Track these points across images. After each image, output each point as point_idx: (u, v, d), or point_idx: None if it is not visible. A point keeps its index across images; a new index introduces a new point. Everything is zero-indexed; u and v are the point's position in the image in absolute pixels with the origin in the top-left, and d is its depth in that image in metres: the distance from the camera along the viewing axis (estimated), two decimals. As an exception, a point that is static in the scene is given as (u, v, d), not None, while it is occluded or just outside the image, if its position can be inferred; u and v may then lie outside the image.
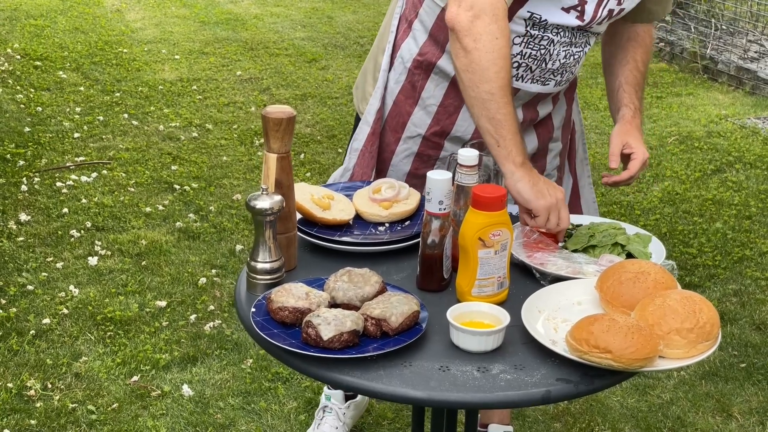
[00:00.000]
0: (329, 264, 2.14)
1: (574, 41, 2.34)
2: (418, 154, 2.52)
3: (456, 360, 1.82)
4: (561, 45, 2.33)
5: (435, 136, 2.49)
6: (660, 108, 6.56)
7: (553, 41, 2.31)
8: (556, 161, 2.61)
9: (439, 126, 2.48)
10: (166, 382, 3.39)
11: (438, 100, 2.46)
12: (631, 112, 2.47)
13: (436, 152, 2.51)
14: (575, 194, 2.73)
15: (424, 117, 2.48)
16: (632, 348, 1.75)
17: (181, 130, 5.90)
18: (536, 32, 2.29)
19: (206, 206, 4.82)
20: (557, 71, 2.38)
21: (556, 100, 2.52)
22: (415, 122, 2.49)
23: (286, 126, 2.05)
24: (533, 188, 2.13)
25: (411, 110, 2.49)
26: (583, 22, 2.27)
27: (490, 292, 2.00)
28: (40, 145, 5.51)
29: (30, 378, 3.38)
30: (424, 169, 2.50)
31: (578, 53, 2.38)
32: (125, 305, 3.87)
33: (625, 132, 2.44)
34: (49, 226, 4.52)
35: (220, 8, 8.99)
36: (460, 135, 2.47)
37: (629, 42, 2.53)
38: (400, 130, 2.51)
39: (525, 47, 2.32)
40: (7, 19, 8.18)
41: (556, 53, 2.34)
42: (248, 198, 2.02)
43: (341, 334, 1.81)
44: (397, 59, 2.48)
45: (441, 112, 2.46)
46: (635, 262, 2.00)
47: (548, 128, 2.55)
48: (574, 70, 2.42)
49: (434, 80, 2.45)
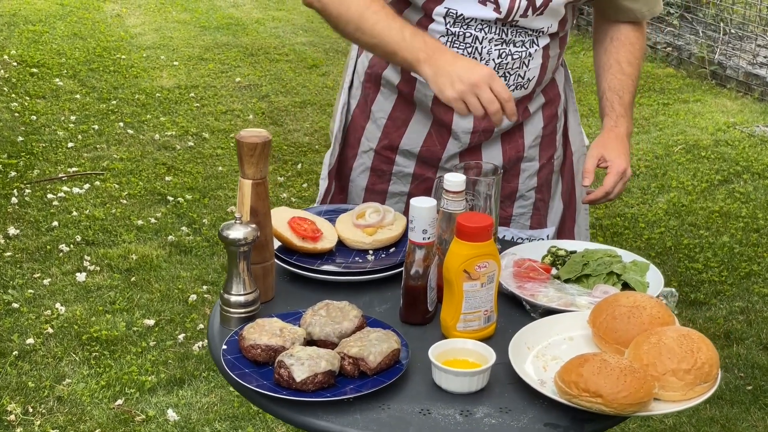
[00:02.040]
0: (309, 294, 2.04)
1: (508, 39, 2.23)
2: (372, 168, 2.46)
3: (438, 402, 1.72)
4: (491, 42, 2.23)
5: (385, 149, 2.43)
6: (666, 115, 6.44)
7: (478, 38, 2.22)
8: (531, 182, 2.47)
9: (388, 140, 2.41)
10: (151, 406, 3.29)
11: (386, 113, 2.40)
12: (612, 122, 2.39)
13: (389, 167, 2.44)
14: (570, 220, 2.59)
15: (375, 130, 2.43)
16: (625, 392, 1.64)
17: (177, 139, 5.80)
18: (457, 30, 2.21)
19: (200, 219, 4.72)
20: (496, 72, 2.26)
21: (524, 114, 2.38)
22: (367, 136, 2.44)
23: (261, 151, 1.94)
24: (438, 80, 2.02)
25: (365, 124, 2.44)
26: (500, 14, 2.18)
27: (477, 326, 1.89)
28: (33, 155, 5.42)
29: (11, 402, 3.28)
30: (380, 184, 2.44)
31: (519, 53, 2.25)
32: (112, 324, 3.76)
33: (602, 144, 2.36)
34: (38, 241, 4.42)
35: (221, 13, 8.90)
36: (409, 148, 2.40)
37: (612, 43, 2.44)
38: (356, 145, 2.47)
39: (450, 46, 2.23)
40: (5, 24, 8.09)
41: (487, 52, 2.23)
42: (221, 227, 1.91)
43: (315, 375, 1.71)
44: (355, 75, 2.45)
45: (389, 125, 2.40)
46: (630, 295, 1.89)
47: (517, 146, 2.42)
48: (523, 74, 2.29)
49: (383, 93, 2.39)
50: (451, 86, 2.01)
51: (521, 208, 2.48)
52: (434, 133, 2.36)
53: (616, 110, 2.39)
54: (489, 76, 2.02)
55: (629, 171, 2.35)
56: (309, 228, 2.16)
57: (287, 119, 6.22)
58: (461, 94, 2.00)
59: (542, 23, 2.25)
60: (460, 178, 1.93)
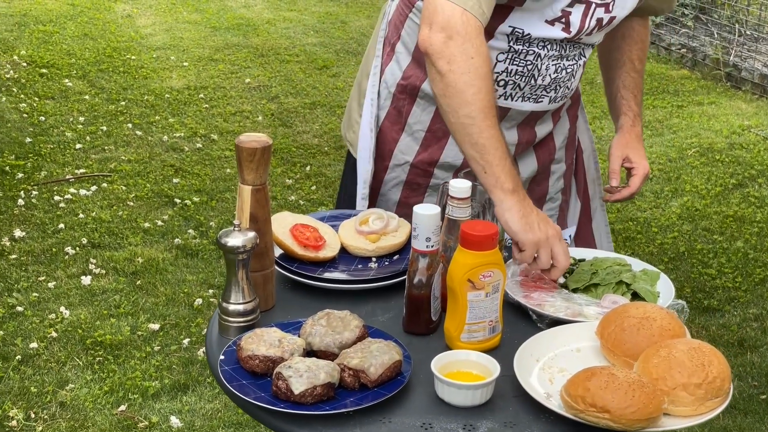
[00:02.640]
0: (310, 302, 2.00)
1: (564, 54, 2.18)
2: (407, 182, 2.37)
3: (440, 416, 1.67)
4: (550, 59, 2.17)
5: (423, 163, 2.35)
6: (680, 118, 6.37)
7: (540, 55, 2.16)
8: (559, 183, 2.44)
9: (427, 153, 2.33)
10: (155, 412, 3.25)
11: (425, 125, 2.31)
12: (630, 121, 2.39)
13: (426, 180, 2.36)
14: (586, 218, 2.56)
15: (412, 143, 2.34)
16: (633, 407, 1.59)
17: (185, 140, 5.76)
18: (520, 47, 2.15)
19: (207, 222, 4.68)
20: (549, 87, 2.22)
21: (556, 117, 2.36)
22: (402, 149, 2.35)
23: (261, 156, 1.89)
24: (522, 219, 1.96)
25: (398, 137, 2.35)
26: (569, 34, 2.13)
27: (481, 337, 1.84)
28: (41, 156, 5.39)
29: (13, 407, 3.24)
30: (415, 198, 2.37)
31: (571, 66, 2.21)
32: (116, 328, 3.72)
33: (625, 144, 2.36)
34: (43, 243, 4.38)
35: (232, 13, 8.86)
36: (450, 161, 2.32)
37: (624, 40, 2.42)
38: (387, 158, 2.38)
39: (510, 64, 2.17)
40: (15, 24, 8.07)
41: (545, 68, 2.18)
42: (219, 234, 1.87)
43: (314, 387, 1.66)
44: (382, 84, 2.35)
45: (429, 138, 2.32)
46: (640, 305, 1.84)
47: (549, 149, 2.39)
48: (570, 85, 2.26)
49: (420, 105, 2.31)
50: (533, 230, 1.95)
51: (550, 211, 2.44)
52: None
53: (632, 110, 2.38)
54: (560, 234, 2.00)
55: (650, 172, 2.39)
56: (312, 236, 2.11)
57: (297, 121, 6.18)
58: (540, 242, 1.95)
59: (598, 38, 2.23)
60: (466, 185, 1.88)
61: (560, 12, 2.07)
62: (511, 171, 1.98)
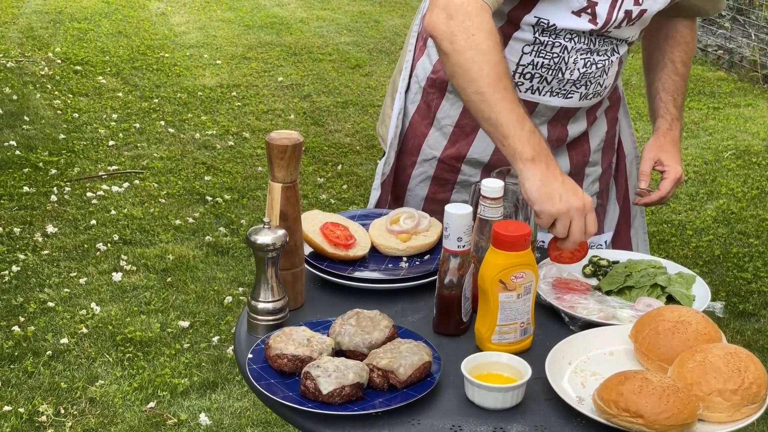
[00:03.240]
0: (339, 301, 1.98)
1: (594, 48, 2.15)
2: (435, 177, 2.36)
3: (470, 418, 1.65)
4: (578, 52, 2.14)
5: (451, 158, 2.33)
6: (717, 120, 6.30)
7: (567, 48, 2.13)
8: (594, 187, 2.41)
9: (455, 148, 2.31)
10: (184, 410, 3.24)
11: (453, 120, 2.29)
12: (666, 124, 2.33)
13: (453, 176, 2.34)
14: (625, 223, 2.52)
15: (440, 138, 2.32)
16: (667, 413, 1.56)
17: (217, 138, 5.77)
18: (546, 39, 2.12)
19: (237, 219, 4.68)
20: (578, 82, 2.19)
21: (591, 118, 2.32)
22: (430, 144, 2.34)
23: (292, 154, 1.88)
24: (541, 189, 1.89)
25: (426, 131, 2.33)
26: (596, 26, 2.09)
27: (512, 339, 1.81)
28: (74, 153, 5.42)
29: (43, 402, 3.25)
30: (442, 193, 2.35)
31: (602, 62, 2.17)
32: (147, 325, 3.73)
33: (658, 147, 2.31)
34: (75, 239, 4.40)
35: (265, 11, 8.88)
36: (478, 157, 2.30)
37: (667, 41, 2.37)
38: (415, 153, 2.36)
39: (536, 56, 2.14)
40: (51, 22, 8.13)
41: (573, 61, 2.15)
42: (248, 232, 1.85)
43: (342, 387, 1.64)
44: (413, 78, 2.34)
45: (457, 133, 2.30)
46: (675, 309, 1.81)
47: (583, 151, 2.35)
48: (602, 81, 2.21)
49: (449, 99, 2.29)
50: (553, 201, 1.88)
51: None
52: None
53: (671, 113, 2.33)
54: (590, 206, 1.92)
55: (683, 176, 2.32)
56: (342, 235, 2.09)
57: (329, 119, 6.17)
58: (559, 213, 1.88)
59: (630, 32, 2.18)
60: (498, 184, 1.85)
61: (586, 2, 2.04)
62: (529, 140, 1.91)
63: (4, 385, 3.33)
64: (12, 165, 5.18)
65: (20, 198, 4.79)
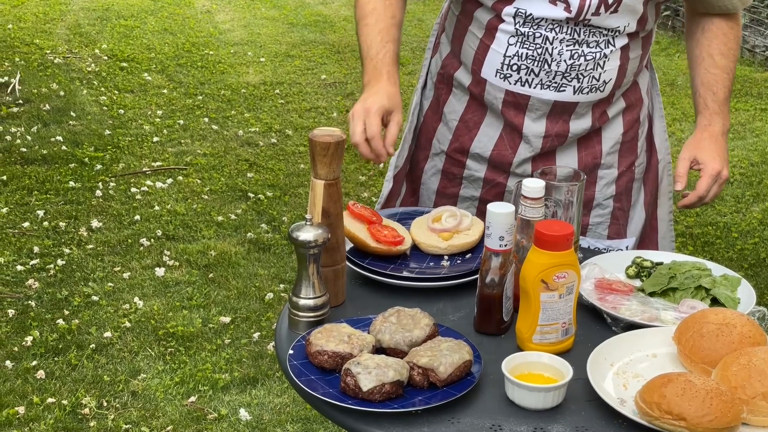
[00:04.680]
0: (381, 299, 1.98)
1: (580, 39, 2.14)
2: (443, 171, 2.40)
3: (510, 418, 1.64)
4: (562, 43, 2.15)
5: (456, 152, 2.37)
6: (764, 121, 6.22)
7: (548, 38, 2.14)
8: (609, 190, 2.36)
9: (459, 142, 2.35)
10: (224, 405, 3.26)
11: (458, 114, 2.34)
12: (705, 120, 2.29)
13: (460, 170, 2.37)
14: (651, 230, 2.47)
15: (446, 133, 2.37)
16: (710, 416, 1.54)
17: (260, 135, 5.80)
18: (527, 30, 2.15)
19: (279, 216, 4.70)
20: (568, 75, 2.18)
21: (599, 116, 2.27)
22: (438, 138, 2.39)
23: (335, 151, 1.89)
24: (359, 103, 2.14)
25: (436, 126, 2.39)
26: (570, 14, 2.10)
27: (554, 339, 1.80)
28: (119, 148, 5.47)
29: (86, 395, 3.28)
30: (451, 187, 2.38)
31: (593, 54, 2.16)
32: (188, 320, 3.76)
33: (694, 145, 2.26)
34: (119, 234, 4.45)
35: (309, 9, 8.91)
36: (479, 152, 2.33)
37: (703, 35, 2.32)
38: (428, 147, 2.42)
39: (520, 47, 2.17)
40: (98, 19, 8.22)
41: (558, 53, 2.15)
42: (290, 228, 1.86)
43: (383, 385, 1.64)
44: (428, 75, 2.42)
45: (461, 128, 2.34)
46: (719, 311, 1.78)
47: (594, 152, 2.31)
48: (597, 76, 2.18)
49: (455, 94, 2.34)
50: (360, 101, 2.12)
51: (598, 217, 2.37)
52: (505, 137, 2.29)
53: (709, 107, 2.28)
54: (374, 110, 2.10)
55: (725, 172, 2.24)
56: (390, 234, 2.08)
57: (371, 118, 6.16)
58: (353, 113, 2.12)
59: (618, 22, 2.15)
60: (539, 184, 1.84)
61: None
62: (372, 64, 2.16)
63: (48, 378, 3.37)
64: (58, 160, 5.24)
65: (66, 193, 4.85)
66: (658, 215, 2.46)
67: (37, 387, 3.31)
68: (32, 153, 5.30)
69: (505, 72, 2.20)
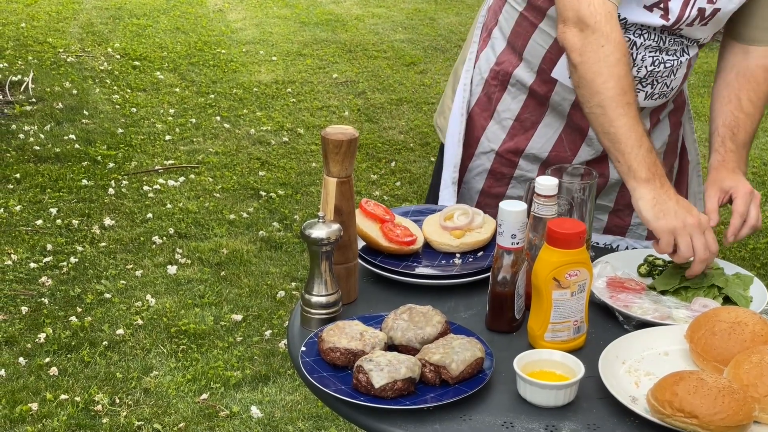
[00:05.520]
0: (393, 296, 1.99)
1: (664, 47, 2.12)
2: (491, 171, 2.35)
3: (522, 415, 1.64)
4: (647, 50, 2.11)
5: (509, 152, 2.32)
6: (775, 120, 6.20)
7: (636, 44, 2.11)
8: None
9: (513, 142, 2.30)
10: (236, 402, 3.27)
11: (514, 113, 2.28)
12: (720, 157, 2.17)
13: (510, 170, 2.33)
14: None
15: (499, 131, 2.31)
16: (722, 414, 1.54)
17: (272, 134, 5.81)
18: None
19: (291, 215, 4.71)
20: (645, 80, 2.16)
21: (654, 119, 2.28)
22: (489, 137, 2.33)
23: (347, 148, 1.89)
24: (655, 207, 1.91)
25: (486, 124, 2.33)
26: (668, 22, 2.06)
27: (565, 337, 1.80)
28: (132, 147, 5.49)
29: (98, 392, 3.30)
30: (498, 187, 2.34)
31: (671, 62, 2.14)
32: (200, 318, 3.77)
33: (718, 180, 2.14)
34: (132, 232, 4.46)
35: (321, 8, 8.91)
36: (536, 153, 2.29)
37: (737, 78, 2.22)
38: (474, 145, 2.35)
39: None
40: (110, 17, 8.25)
41: (641, 58, 2.12)
42: (303, 226, 1.86)
43: (395, 381, 1.64)
44: (476, 70, 2.33)
45: (516, 127, 2.29)
46: (731, 309, 1.78)
47: None
48: (668, 82, 2.18)
49: (511, 92, 2.28)
50: (668, 218, 1.91)
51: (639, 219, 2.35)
52: (565, 138, 2.26)
53: (725, 146, 2.17)
54: (707, 223, 1.94)
55: (757, 193, 2.12)
56: (403, 233, 2.09)
57: (383, 116, 6.18)
58: (676, 230, 1.91)
59: (703, 33, 2.13)
60: (552, 182, 1.84)
61: None
62: (645, 159, 1.93)
63: (61, 374, 3.39)
64: (71, 158, 5.26)
65: (79, 191, 4.86)
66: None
67: (50, 384, 3.33)
68: (45, 151, 5.33)
69: None
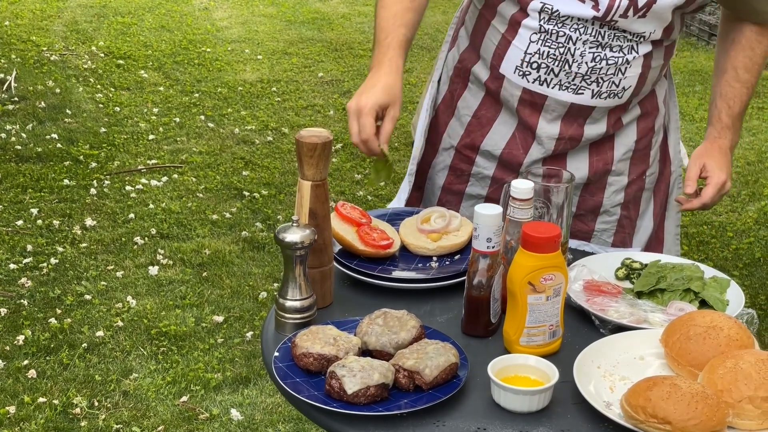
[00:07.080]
0: (369, 300, 1.97)
1: (605, 42, 2.12)
2: (452, 167, 2.37)
3: (496, 421, 1.63)
4: (585, 45, 2.12)
5: (466, 148, 2.34)
6: (761, 120, 6.21)
7: (572, 38, 2.11)
8: (617, 197, 2.35)
9: (470, 138, 2.32)
10: (216, 404, 3.26)
11: (472, 110, 2.31)
12: (716, 132, 2.31)
13: (468, 167, 2.34)
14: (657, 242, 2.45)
15: (458, 127, 2.35)
16: (696, 419, 1.54)
17: (256, 133, 5.79)
18: (551, 27, 2.11)
19: (274, 215, 4.69)
20: (588, 78, 2.15)
21: (614, 122, 2.26)
22: (449, 133, 2.36)
23: (322, 151, 1.87)
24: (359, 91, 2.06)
25: (448, 120, 2.36)
26: (599, 12, 2.06)
27: (541, 341, 1.79)
28: (114, 146, 5.46)
29: (77, 395, 3.28)
30: (458, 184, 2.35)
31: (615, 59, 2.13)
32: (181, 319, 3.75)
33: (706, 153, 2.28)
34: (113, 232, 4.44)
35: (307, 7, 8.89)
36: (490, 150, 2.31)
37: (732, 46, 2.29)
38: (438, 141, 2.38)
39: (542, 45, 2.14)
40: (95, 16, 8.21)
41: (580, 54, 2.12)
42: (277, 230, 1.85)
43: (367, 387, 1.63)
44: (444, 69, 2.38)
45: (473, 124, 2.31)
46: (707, 314, 1.78)
47: (605, 158, 2.30)
48: (617, 81, 2.17)
49: (471, 89, 2.31)
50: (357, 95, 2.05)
51: (604, 224, 2.35)
52: (518, 136, 2.26)
53: (723, 121, 2.30)
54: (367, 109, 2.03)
55: (729, 184, 2.28)
56: (379, 237, 2.07)
57: (368, 116, 6.15)
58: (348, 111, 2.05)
59: (644, 27, 2.12)
60: (528, 185, 1.83)
61: None
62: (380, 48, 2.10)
63: (39, 377, 3.36)
64: (53, 158, 5.23)
65: (60, 191, 4.84)
66: (665, 228, 2.43)
67: (28, 386, 3.31)
68: (27, 151, 5.29)
69: (524, 69, 2.17)
